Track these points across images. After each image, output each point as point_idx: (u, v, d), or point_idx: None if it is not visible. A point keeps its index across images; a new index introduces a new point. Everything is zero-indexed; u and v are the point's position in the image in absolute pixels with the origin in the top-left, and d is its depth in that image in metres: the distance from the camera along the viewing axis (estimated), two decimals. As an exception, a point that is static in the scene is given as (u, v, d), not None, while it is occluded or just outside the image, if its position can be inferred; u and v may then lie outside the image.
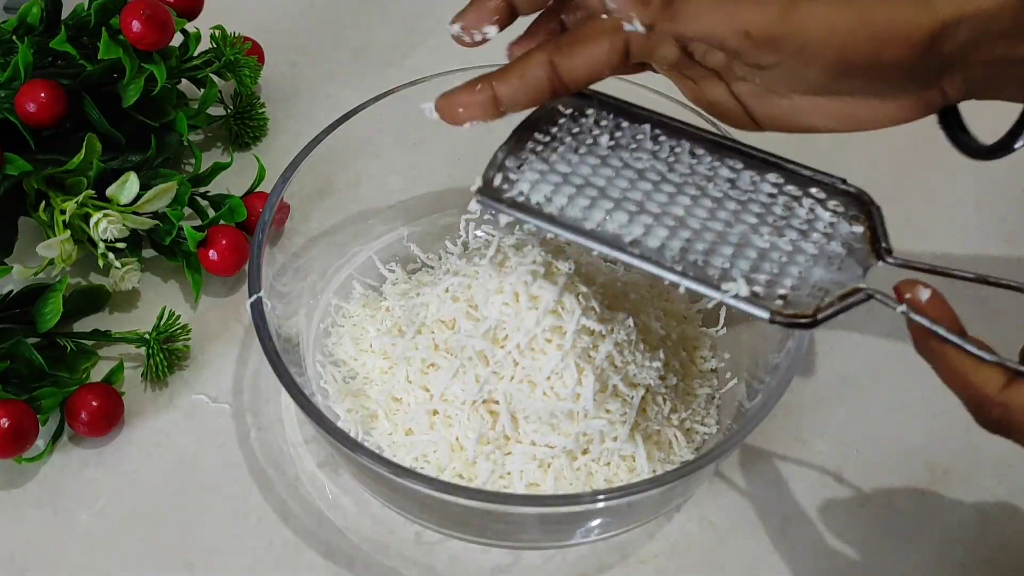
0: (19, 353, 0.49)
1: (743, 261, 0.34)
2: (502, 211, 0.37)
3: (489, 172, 0.37)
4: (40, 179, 0.52)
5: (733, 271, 0.34)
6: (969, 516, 0.48)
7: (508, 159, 0.38)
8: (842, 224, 0.35)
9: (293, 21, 0.72)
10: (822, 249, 0.34)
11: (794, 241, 0.35)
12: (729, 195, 0.37)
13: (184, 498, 0.48)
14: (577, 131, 0.39)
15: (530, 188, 0.37)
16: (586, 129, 0.39)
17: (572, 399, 0.43)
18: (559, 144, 0.39)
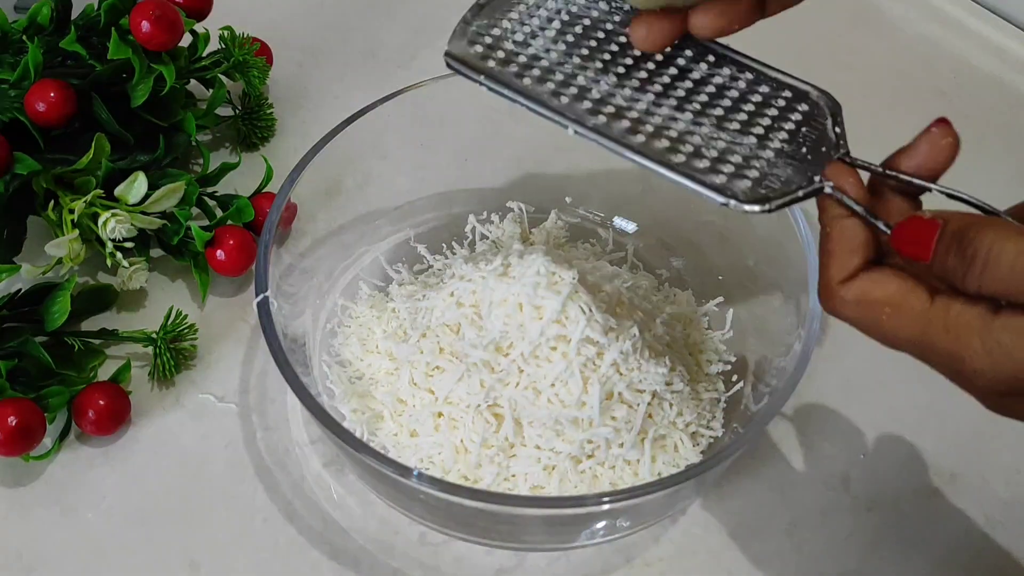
0: (27, 352, 0.49)
1: (707, 151, 0.34)
2: (474, 78, 0.36)
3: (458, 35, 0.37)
4: (49, 178, 0.52)
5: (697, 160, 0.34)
6: (976, 521, 0.48)
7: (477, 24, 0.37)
8: (807, 124, 0.36)
9: (302, 22, 0.73)
10: (784, 146, 0.35)
11: (759, 138, 0.35)
12: (700, 91, 0.37)
13: (190, 497, 0.48)
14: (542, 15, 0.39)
15: (506, 55, 0.37)
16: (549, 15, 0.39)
17: (577, 407, 0.43)
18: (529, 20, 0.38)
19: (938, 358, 0.31)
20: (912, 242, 0.31)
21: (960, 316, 0.30)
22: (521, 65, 0.36)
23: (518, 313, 0.44)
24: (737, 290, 0.52)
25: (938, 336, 0.30)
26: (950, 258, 0.30)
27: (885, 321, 0.32)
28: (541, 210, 0.57)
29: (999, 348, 0.29)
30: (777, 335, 0.48)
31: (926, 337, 0.31)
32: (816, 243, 0.36)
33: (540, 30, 0.38)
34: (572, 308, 0.43)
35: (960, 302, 0.30)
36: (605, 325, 0.44)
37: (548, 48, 0.37)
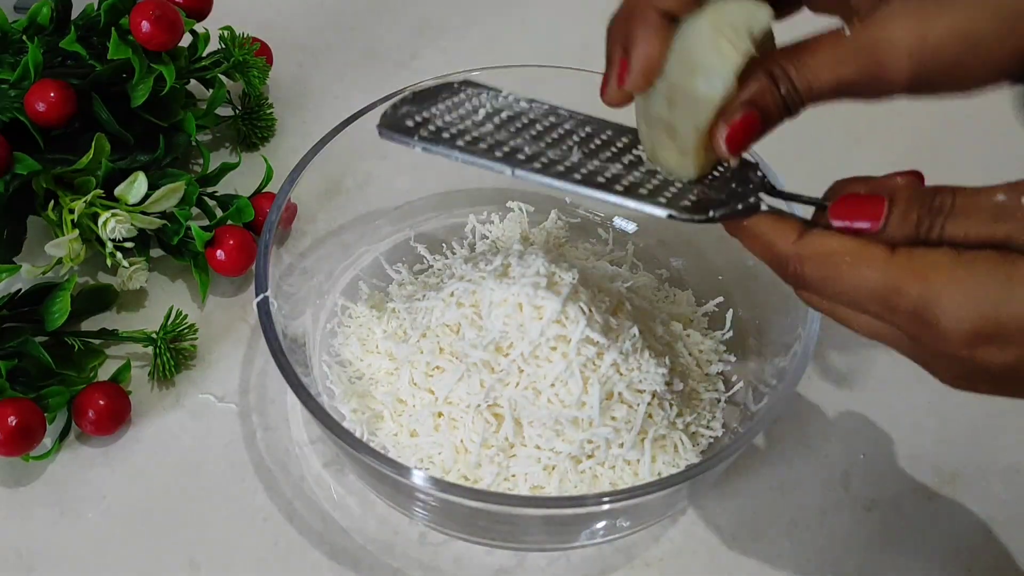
0: (27, 352, 0.49)
1: (648, 180, 0.34)
2: (408, 143, 0.36)
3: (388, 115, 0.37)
4: (49, 178, 0.52)
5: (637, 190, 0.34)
6: (976, 522, 0.48)
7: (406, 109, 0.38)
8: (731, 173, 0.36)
9: (302, 22, 0.73)
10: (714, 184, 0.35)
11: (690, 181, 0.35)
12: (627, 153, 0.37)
13: (190, 497, 0.48)
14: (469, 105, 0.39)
15: (437, 124, 0.37)
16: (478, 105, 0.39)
17: (577, 407, 0.43)
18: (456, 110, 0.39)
19: (905, 304, 0.29)
20: (857, 212, 0.30)
21: (925, 257, 0.29)
22: (452, 134, 0.37)
23: (518, 313, 0.44)
24: (737, 290, 0.52)
25: (904, 279, 0.29)
26: (911, 214, 0.30)
27: (846, 272, 0.30)
28: (541, 210, 0.57)
29: (971, 281, 0.28)
30: (777, 335, 0.48)
31: (891, 281, 0.30)
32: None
33: (468, 115, 0.38)
34: (572, 308, 0.43)
35: (922, 249, 0.29)
36: (605, 325, 0.44)
37: (477, 124, 0.38)
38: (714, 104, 0.32)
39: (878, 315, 0.31)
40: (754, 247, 0.33)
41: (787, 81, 0.32)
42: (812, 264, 0.31)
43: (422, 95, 0.39)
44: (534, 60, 0.56)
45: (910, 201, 0.30)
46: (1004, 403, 0.52)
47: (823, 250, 0.31)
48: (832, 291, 0.31)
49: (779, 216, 0.33)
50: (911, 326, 0.30)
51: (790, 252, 0.32)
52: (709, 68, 0.31)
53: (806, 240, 0.32)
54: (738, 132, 0.32)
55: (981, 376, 0.30)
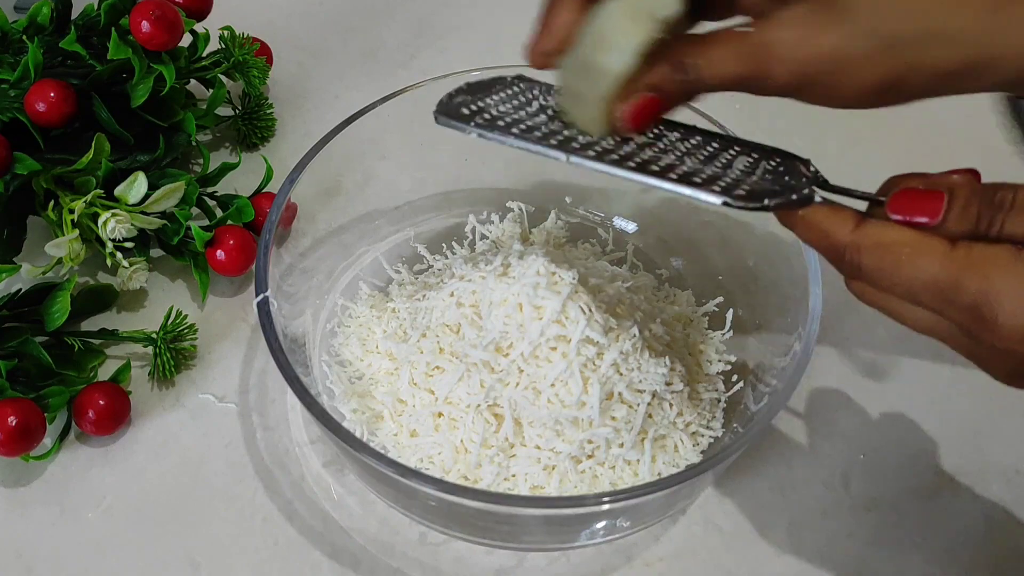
0: (27, 352, 0.49)
1: (703, 170, 0.35)
2: (464, 128, 0.37)
3: (443, 103, 0.38)
4: (49, 178, 0.52)
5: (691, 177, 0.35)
6: (976, 521, 0.48)
7: (460, 99, 0.39)
8: (783, 166, 0.37)
9: (302, 22, 0.73)
10: (767, 175, 0.36)
11: (742, 171, 0.36)
12: (683, 144, 0.38)
13: (190, 497, 0.48)
14: (523, 97, 0.40)
15: (492, 113, 0.38)
16: (531, 98, 0.40)
17: (577, 407, 0.43)
18: (509, 101, 0.39)
19: (963, 299, 0.30)
20: (916, 207, 0.31)
21: (985, 252, 0.29)
22: (507, 123, 0.37)
23: (518, 313, 0.44)
24: (737, 290, 0.52)
25: (964, 273, 0.29)
26: (971, 209, 0.30)
27: (905, 262, 0.31)
28: (541, 210, 0.57)
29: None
30: (777, 335, 0.48)
31: (950, 275, 0.30)
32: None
33: (521, 106, 0.39)
34: (572, 308, 0.43)
35: (981, 244, 0.30)
36: (605, 325, 0.44)
37: (531, 115, 0.38)
38: (615, 76, 0.34)
39: (934, 308, 0.31)
40: (810, 237, 0.33)
41: (686, 70, 0.33)
42: (870, 253, 0.31)
43: (476, 86, 0.40)
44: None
45: (970, 197, 0.30)
46: (1004, 403, 0.52)
47: (882, 240, 0.31)
48: (888, 282, 0.31)
49: (835, 206, 0.33)
50: (968, 321, 0.30)
51: (847, 241, 0.32)
52: (614, 44, 0.34)
53: (864, 229, 0.32)
54: (639, 111, 0.34)
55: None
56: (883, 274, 0.31)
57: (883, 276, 0.31)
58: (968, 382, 0.53)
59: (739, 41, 0.33)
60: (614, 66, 0.34)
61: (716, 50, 0.33)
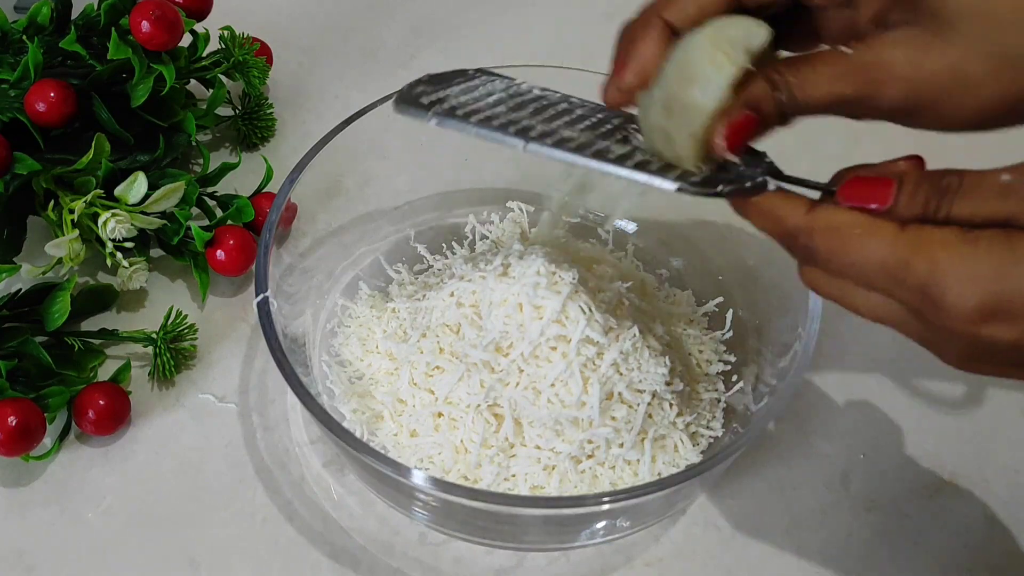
0: (27, 352, 0.49)
1: (653, 164, 0.35)
2: (423, 117, 0.37)
3: (403, 93, 0.39)
4: (49, 178, 0.52)
5: (647, 162, 0.35)
6: (976, 522, 0.48)
7: (420, 89, 0.39)
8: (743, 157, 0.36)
9: (302, 22, 0.73)
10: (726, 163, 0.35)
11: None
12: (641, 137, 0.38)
13: (190, 497, 0.48)
14: (483, 89, 0.40)
15: (451, 103, 0.38)
16: (492, 90, 0.40)
17: (577, 407, 0.43)
18: (469, 92, 0.40)
19: (912, 279, 0.30)
20: (866, 193, 0.31)
21: (933, 233, 0.30)
22: (467, 112, 0.37)
23: (518, 313, 0.44)
24: (737, 290, 0.52)
25: (913, 254, 0.30)
26: (920, 194, 0.30)
27: (856, 243, 0.31)
28: (541, 210, 0.57)
29: (976, 258, 0.29)
30: (777, 335, 0.48)
31: (900, 255, 0.30)
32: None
33: (482, 97, 0.39)
34: (572, 308, 0.43)
35: (930, 226, 0.30)
36: (605, 325, 0.44)
37: (490, 106, 0.38)
38: (708, 112, 0.33)
39: (885, 290, 0.31)
40: (763, 223, 0.34)
41: (786, 88, 0.33)
42: (822, 236, 0.32)
43: (437, 77, 0.40)
44: (534, 60, 0.56)
45: (919, 182, 0.31)
46: (1003, 403, 0.52)
47: (834, 222, 0.31)
48: (840, 263, 0.32)
49: (788, 193, 0.33)
50: (917, 301, 0.30)
51: (801, 224, 0.32)
52: (705, 78, 0.33)
53: (817, 213, 0.32)
54: (736, 130, 0.33)
55: (986, 355, 0.31)
56: (835, 256, 0.31)
57: (835, 258, 0.32)
58: (968, 382, 0.53)
59: (844, 61, 0.32)
60: (705, 100, 0.33)
61: (819, 69, 0.32)
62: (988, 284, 0.28)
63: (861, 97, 0.32)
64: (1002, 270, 0.28)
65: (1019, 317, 0.29)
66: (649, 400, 0.44)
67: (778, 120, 0.34)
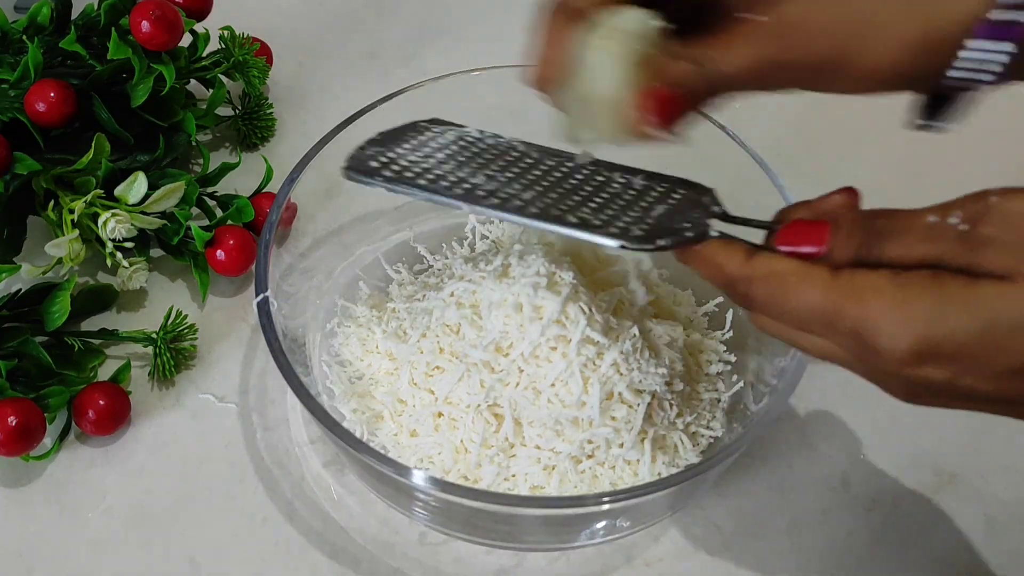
0: (27, 352, 0.49)
1: (601, 213, 0.36)
2: (369, 182, 0.38)
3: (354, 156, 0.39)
4: (49, 178, 0.52)
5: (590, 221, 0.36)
6: (976, 521, 0.48)
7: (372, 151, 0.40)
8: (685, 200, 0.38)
9: (302, 22, 0.73)
10: (667, 211, 0.37)
11: (642, 208, 0.37)
12: (587, 184, 0.39)
13: (190, 497, 0.48)
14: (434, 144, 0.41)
15: (401, 164, 0.39)
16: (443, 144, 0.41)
17: (577, 407, 0.43)
18: (421, 148, 0.41)
19: (845, 325, 0.30)
20: (802, 238, 0.32)
21: (865, 279, 0.30)
22: (415, 173, 0.38)
23: (518, 313, 0.44)
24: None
25: (845, 301, 0.30)
26: (854, 237, 0.31)
27: (791, 291, 0.31)
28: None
29: (905, 302, 0.29)
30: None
31: (833, 303, 0.30)
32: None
33: (431, 153, 0.40)
34: (572, 308, 0.43)
35: (863, 271, 0.30)
36: (605, 325, 0.44)
37: (440, 163, 0.39)
38: (613, 102, 0.34)
39: (822, 335, 0.32)
40: (705, 271, 0.34)
41: (709, 61, 0.33)
42: (759, 284, 0.32)
43: (389, 135, 0.41)
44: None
45: (853, 225, 0.31)
46: (1004, 403, 0.52)
47: (769, 271, 0.32)
48: (778, 311, 0.32)
49: (728, 240, 0.34)
50: (854, 346, 0.31)
51: (739, 274, 0.33)
52: (601, 71, 0.34)
53: (754, 262, 0.33)
54: (660, 104, 0.34)
55: (928, 392, 0.31)
56: (773, 303, 0.32)
57: (774, 305, 0.32)
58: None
59: (761, 26, 0.33)
60: (612, 92, 0.34)
61: (737, 38, 0.33)
62: (919, 328, 0.29)
63: (782, 57, 0.33)
64: (932, 314, 0.29)
65: (950, 359, 0.29)
66: (649, 400, 0.44)
67: (706, 92, 0.34)
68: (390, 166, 0.39)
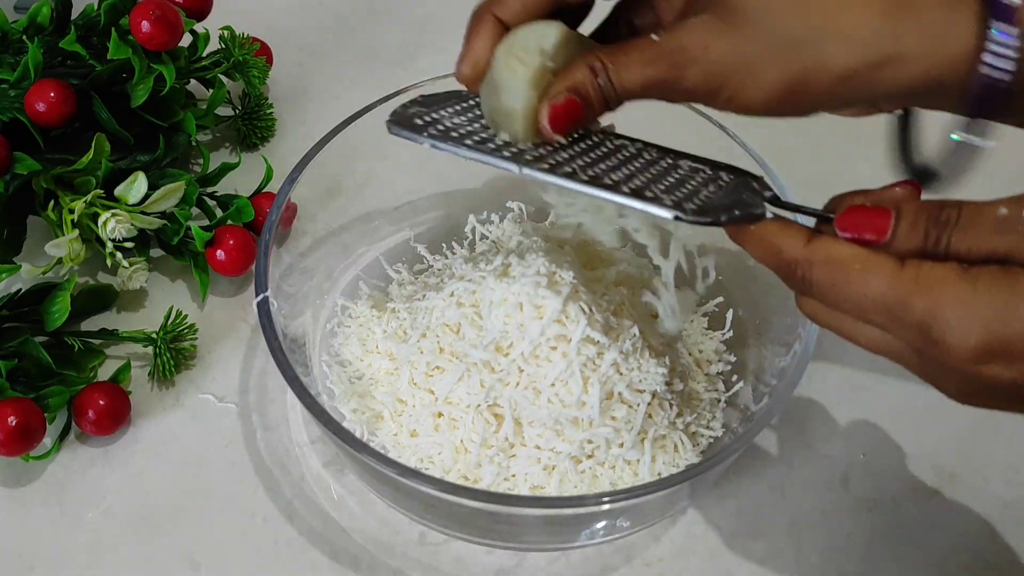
0: (27, 352, 0.49)
1: (650, 190, 0.35)
2: (417, 139, 0.37)
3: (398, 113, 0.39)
4: (49, 178, 0.52)
5: (643, 192, 0.35)
6: (976, 521, 0.48)
7: (415, 110, 0.39)
8: (733, 183, 0.38)
9: (302, 22, 0.73)
10: (718, 191, 0.37)
11: (694, 185, 0.37)
12: (637, 160, 0.38)
13: (190, 497, 0.48)
14: (478, 111, 0.40)
15: (446, 125, 0.38)
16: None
17: (577, 406, 0.43)
18: (464, 114, 0.40)
19: (911, 318, 0.30)
20: (864, 225, 0.31)
21: (933, 271, 0.29)
22: (461, 134, 0.38)
23: (518, 313, 0.44)
24: (737, 290, 0.52)
25: (911, 291, 0.29)
26: (919, 227, 0.30)
27: (855, 279, 0.31)
28: (541, 210, 0.57)
29: (976, 297, 0.28)
30: (777, 335, 0.48)
31: (898, 293, 0.30)
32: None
33: (476, 119, 0.39)
34: (572, 308, 0.43)
35: (930, 263, 0.30)
36: (605, 325, 0.44)
37: (485, 127, 0.39)
38: (520, 112, 0.36)
39: (883, 326, 0.31)
40: (761, 252, 0.34)
41: (604, 74, 0.35)
42: (821, 269, 0.31)
43: (432, 99, 0.41)
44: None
45: (917, 214, 0.30)
46: (1004, 403, 0.52)
47: (833, 255, 0.31)
48: (838, 298, 0.31)
49: (786, 222, 0.33)
50: (916, 340, 0.30)
51: (800, 256, 0.32)
52: (507, 85, 0.36)
53: (815, 245, 0.32)
54: (560, 114, 0.35)
55: (987, 392, 0.30)
56: (833, 290, 0.31)
57: (833, 292, 0.31)
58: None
59: (652, 47, 0.34)
60: (514, 104, 0.36)
61: (632, 55, 0.35)
62: (989, 324, 0.28)
63: (667, 80, 0.34)
64: (1003, 310, 0.28)
65: (1019, 358, 0.28)
66: (649, 400, 0.44)
67: (602, 104, 0.35)
68: (435, 125, 0.38)
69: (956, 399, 0.32)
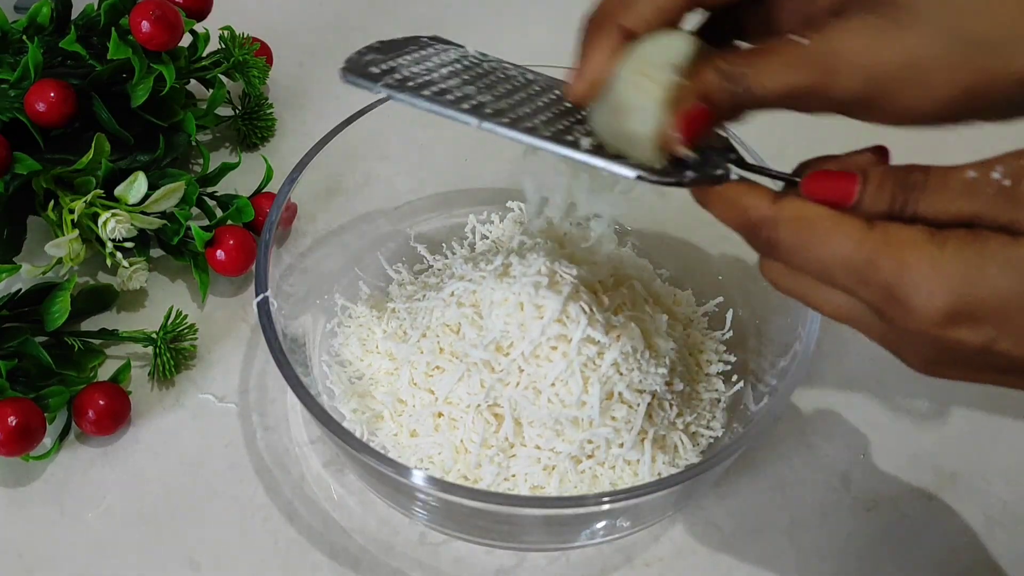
0: (27, 352, 0.49)
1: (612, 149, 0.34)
2: (370, 87, 0.35)
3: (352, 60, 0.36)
4: (49, 178, 0.52)
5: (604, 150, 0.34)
6: (976, 521, 0.48)
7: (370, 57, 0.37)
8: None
9: (302, 22, 0.73)
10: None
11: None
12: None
13: (190, 497, 0.48)
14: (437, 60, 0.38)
15: (403, 74, 0.36)
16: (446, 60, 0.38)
17: (577, 406, 0.43)
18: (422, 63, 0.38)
19: (878, 278, 0.29)
20: (829, 189, 0.30)
21: (900, 232, 0.29)
22: (419, 84, 0.36)
23: (518, 312, 0.44)
24: (737, 290, 0.52)
25: (879, 251, 0.29)
26: (885, 190, 0.30)
27: (822, 238, 0.30)
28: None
29: (944, 259, 0.28)
30: (777, 335, 0.48)
31: (865, 253, 0.29)
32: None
33: (435, 68, 0.37)
34: (573, 307, 0.43)
35: (898, 224, 0.29)
36: (606, 325, 0.44)
37: (444, 78, 0.37)
38: (650, 138, 0.32)
39: (849, 289, 0.30)
40: (725, 213, 0.33)
41: (741, 80, 0.31)
42: (787, 228, 0.31)
43: (389, 45, 0.38)
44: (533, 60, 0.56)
45: (884, 177, 0.30)
46: (1004, 404, 0.52)
47: (798, 214, 0.31)
48: (803, 259, 0.31)
49: (751, 183, 0.32)
50: (881, 302, 0.29)
51: (766, 215, 0.31)
52: (636, 108, 0.32)
53: (782, 204, 0.31)
54: (690, 124, 0.32)
55: (952, 359, 0.30)
56: (800, 250, 0.31)
57: (799, 252, 0.31)
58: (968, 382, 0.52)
59: (799, 50, 0.31)
60: (644, 129, 0.32)
61: (773, 59, 0.31)
62: (957, 286, 0.28)
63: (816, 87, 0.31)
64: (971, 272, 0.28)
65: (986, 320, 0.28)
66: (649, 400, 0.44)
67: (731, 113, 0.33)
68: (391, 74, 0.36)
69: (919, 369, 0.31)
